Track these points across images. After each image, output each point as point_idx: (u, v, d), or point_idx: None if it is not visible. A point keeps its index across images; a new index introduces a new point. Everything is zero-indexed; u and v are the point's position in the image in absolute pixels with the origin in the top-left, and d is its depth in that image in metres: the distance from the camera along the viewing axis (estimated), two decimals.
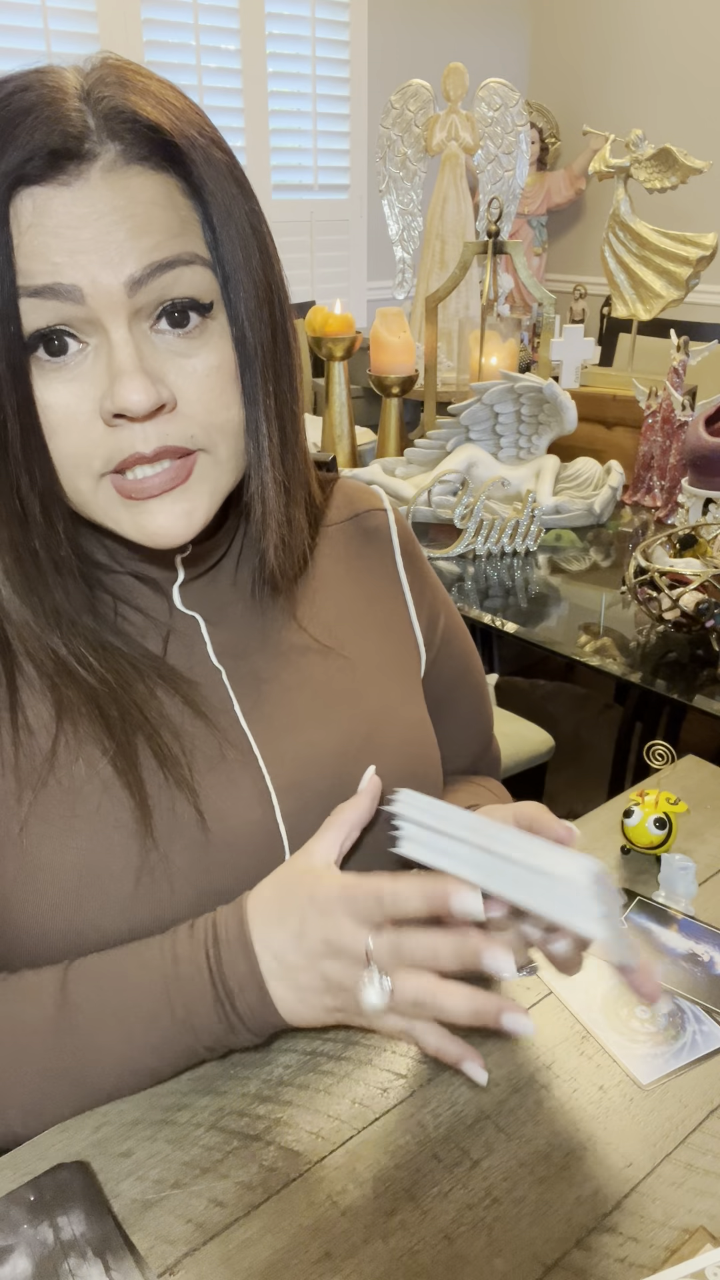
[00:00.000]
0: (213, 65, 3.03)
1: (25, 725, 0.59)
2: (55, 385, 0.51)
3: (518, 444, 1.76)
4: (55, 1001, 0.56)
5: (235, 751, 0.62)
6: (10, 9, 2.58)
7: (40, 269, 0.49)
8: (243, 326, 0.55)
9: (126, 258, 0.50)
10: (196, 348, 0.53)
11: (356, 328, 1.85)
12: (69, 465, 0.53)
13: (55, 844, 0.57)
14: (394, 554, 0.75)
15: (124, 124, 0.50)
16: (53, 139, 0.48)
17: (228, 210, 0.53)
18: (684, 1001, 0.65)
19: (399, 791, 0.55)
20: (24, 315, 0.49)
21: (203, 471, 0.56)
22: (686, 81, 3.53)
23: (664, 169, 2.02)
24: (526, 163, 2.45)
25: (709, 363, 2.16)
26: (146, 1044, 0.55)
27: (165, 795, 0.59)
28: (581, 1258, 0.49)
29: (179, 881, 0.58)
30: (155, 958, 0.56)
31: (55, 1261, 0.48)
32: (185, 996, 0.54)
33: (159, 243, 0.50)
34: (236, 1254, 0.50)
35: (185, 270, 0.52)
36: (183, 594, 0.64)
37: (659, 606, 1.25)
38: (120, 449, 0.53)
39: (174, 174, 0.52)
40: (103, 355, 0.51)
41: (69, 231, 0.49)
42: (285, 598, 0.68)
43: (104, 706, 0.59)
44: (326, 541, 0.72)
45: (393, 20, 3.45)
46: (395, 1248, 0.50)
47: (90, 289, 0.49)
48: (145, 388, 0.50)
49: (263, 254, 0.56)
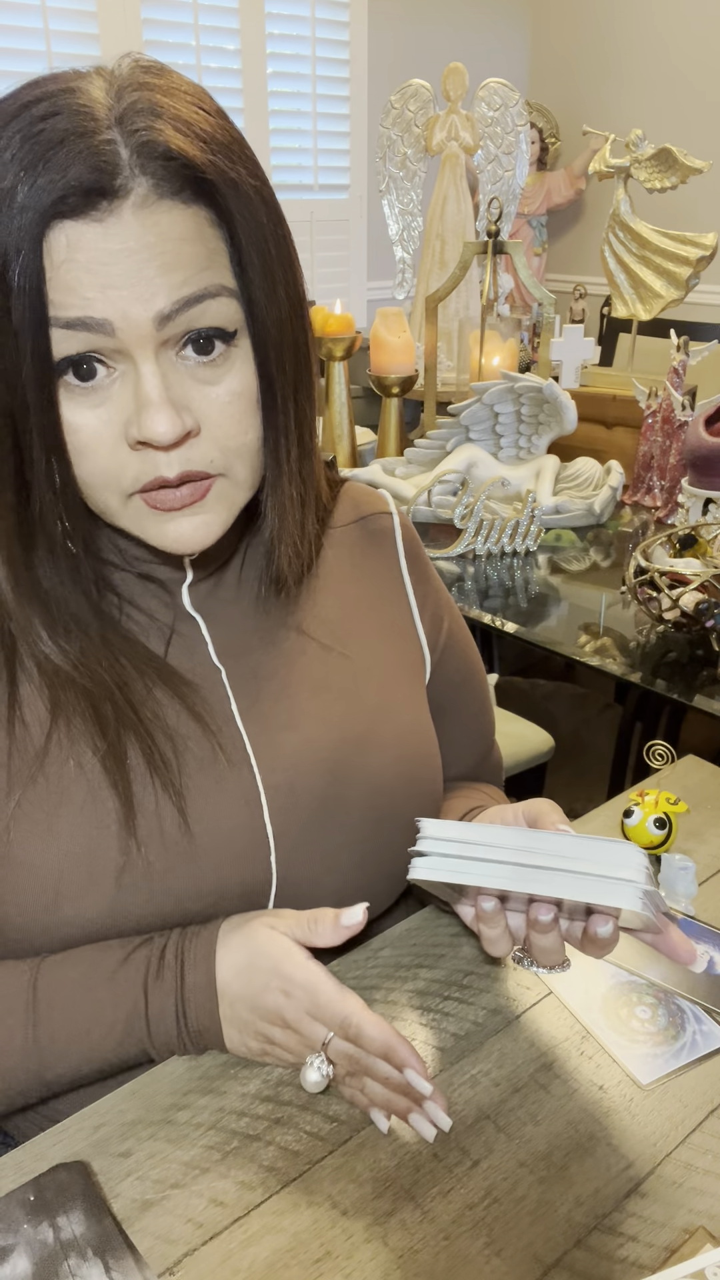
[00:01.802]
0: (213, 65, 3.03)
1: (21, 720, 0.60)
2: (83, 409, 0.53)
3: (518, 444, 1.76)
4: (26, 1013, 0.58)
5: (228, 753, 0.62)
6: (10, 9, 2.58)
7: (73, 302, 0.50)
8: (266, 350, 0.56)
9: (157, 294, 0.50)
10: (221, 374, 0.54)
11: (356, 328, 1.85)
12: (97, 484, 0.55)
13: (39, 841, 0.58)
14: (399, 557, 0.75)
15: (156, 159, 0.49)
16: (87, 177, 0.48)
17: (255, 239, 0.54)
18: (684, 1001, 0.65)
19: (421, 822, 0.56)
20: (55, 343, 0.50)
21: (220, 492, 0.57)
22: (686, 81, 3.53)
23: (664, 169, 2.02)
24: (526, 163, 2.45)
25: (709, 363, 2.15)
26: (104, 1058, 0.59)
27: (150, 797, 0.59)
28: (581, 1258, 0.49)
29: (159, 883, 0.59)
30: (126, 998, 0.58)
31: (55, 1261, 0.48)
32: (155, 1037, 0.59)
33: (188, 278, 0.51)
34: (236, 1254, 0.50)
35: (212, 303, 0.52)
36: (190, 594, 0.65)
37: (659, 606, 1.25)
38: (145, 472, 0.54)
39: (204, 205, 0.52)
40: (130, 381, 0.52)
41: (101, 267, 0.49)
42: (289, 597, 0.68)
43: (99, 705, 0.60)
44: (332, 543, 0.73)
45: (393, 20, 3.45)
46: (395, 1248, 0.50)
47: (121, 323, 0.50)
48: (171, 419, 0.51)
49: (287, 274, 0.56)
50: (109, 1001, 0.57)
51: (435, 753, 0.72)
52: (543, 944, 0.56)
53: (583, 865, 0.51)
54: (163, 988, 0.58)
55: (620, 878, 0.51)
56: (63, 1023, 0.57)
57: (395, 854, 0.66)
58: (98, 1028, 0.57)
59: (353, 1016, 0.55)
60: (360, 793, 0.65)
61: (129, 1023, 0.58)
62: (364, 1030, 0.55)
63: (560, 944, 0.57)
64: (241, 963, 0.58)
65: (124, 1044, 0.58)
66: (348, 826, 0.64)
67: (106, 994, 0.57)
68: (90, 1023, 0.57)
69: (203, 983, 0.58)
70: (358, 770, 0.65)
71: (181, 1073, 0.59)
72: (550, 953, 0.57)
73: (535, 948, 0.57)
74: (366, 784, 0.65)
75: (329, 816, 0.64)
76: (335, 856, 0.64)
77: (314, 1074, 0.56)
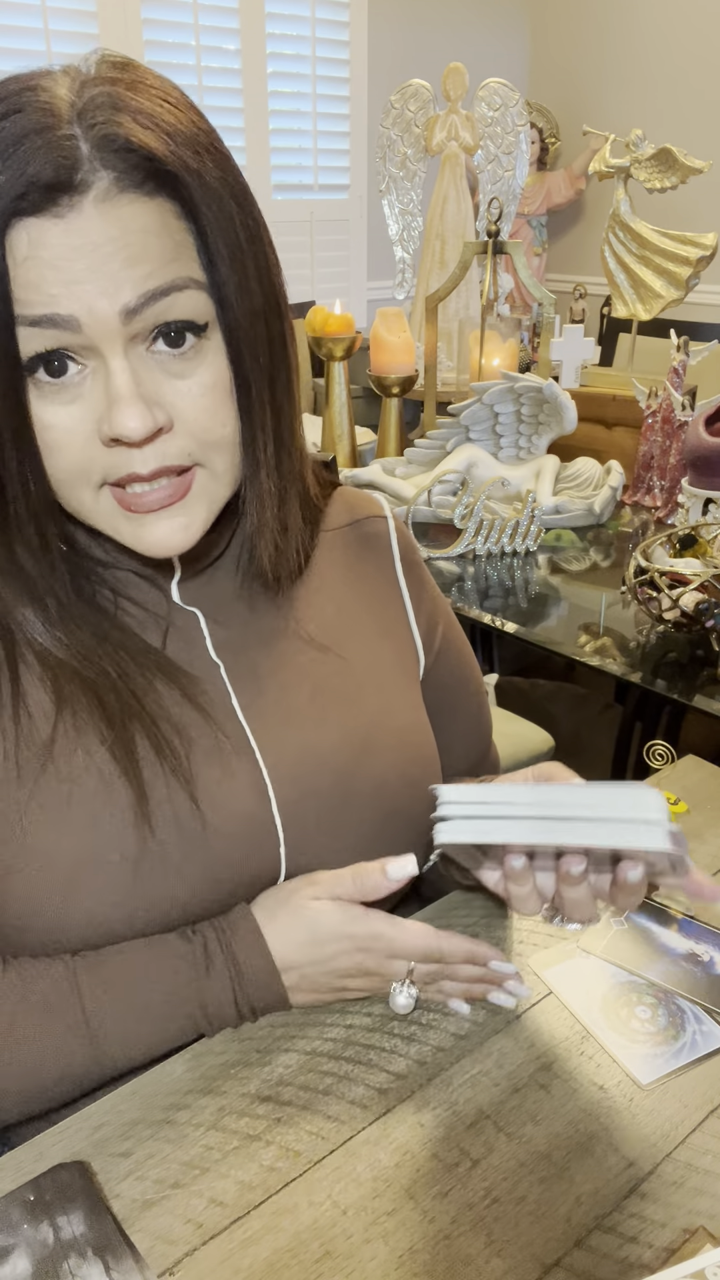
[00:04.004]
0: (213, 65, 3.03)
1: (26, 712, 0.60)
2: (54, 406, 0.52)
3: (518, 444, 1.76)
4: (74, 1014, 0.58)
5: (232, 744, 0.62)
6: (10, 9, 2.58)
7: (37, 299, 0.49)
8: (238, 343, 0.55)
9: (122, 287, 0.50)
10: (193, 368, 0.54)
11: (356, 328, 1.85)
12: (68, 479, 0.54)
13: (52, 831, 0.58)
14: (394, 560, 0.75)
15: (116, 152, 0.49)
16: (45, 172, 0.48)
17: (222, 229, 0.53)
18: (684, 1001, 0.65)
19: (439, 789, 0.55)
20: (21, 342, 0.50)
21: (200, 486, 0.57)
22: (686, 81, 3.53)
23: (664, 169, 2.02)
24: (526, 163, 2.45)
25: (709, 363, 2.15)
26: (154, 1053, 0.60)
27: (162, 785, 0.59)
28: (581, 1258, 0.49)
29: (175, 871, 0.59)
30: (181, 1000, 0.58)
31: (55, 1261, 0.48)
32: (213, 1022, 0.60)
33: (153, 271, 0.51)
34: (236, 1254, 0.50)
35: (180, 295, 0.52)
36: (181, 590, 0.65)
37: (659, 606, 1.25)
38: (118, 466, 0.54)
39: (168, 197, 0.51)
40: (100, 378, 0.52)
41: (64, 264, 0.49)
42: (284, 597, 0.68)
43: (103, 697, 0.60)
44: (326, 546, 0.73)
45: (393, 20, 3.45)
46: (395, 1248, 0.50)
47: (87, 319, 0.50)
48: (142, 414, 0.51)
49: (259, 266, 0.56)
50: (163, 1010, 0.58)
51: (435, 754, 0.72)
52: (574, 896, 0.56)
53: (605, 812, 0.51)
54: (215, 980, 0.59)
55: (646, 819, 0.50)
56: (115, 1033, 0.58)
57: (399, 852, 0.66)
58: (152, 1029, 0.58)
59: (432, 943, 0.60)
60: (365, 792, 0.65)
61: (184, 1020, 0.59)
62: (444, 949, 0.60)
63: (591, 896, 0.57)
64: (302, 937, 0.59)
65: (177, 1038, 0.59)
66: (353, 825, 0.64)
67: (159, 994, 0.58)
68: (144, 1025, 0.58)
69: (259, 965, 0.59)
70: (362, 771, 0.65)
71: (181, 1073, 0.59)
72: (582, 905, 0.57)
73: (567, 901, 0.57)
74: (371, 784, 0.65)
75: (335, 814, 0.64)
76: (342, 852, 0.64)
77: (403, 998, 0.62)
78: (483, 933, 0.71)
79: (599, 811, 0.51)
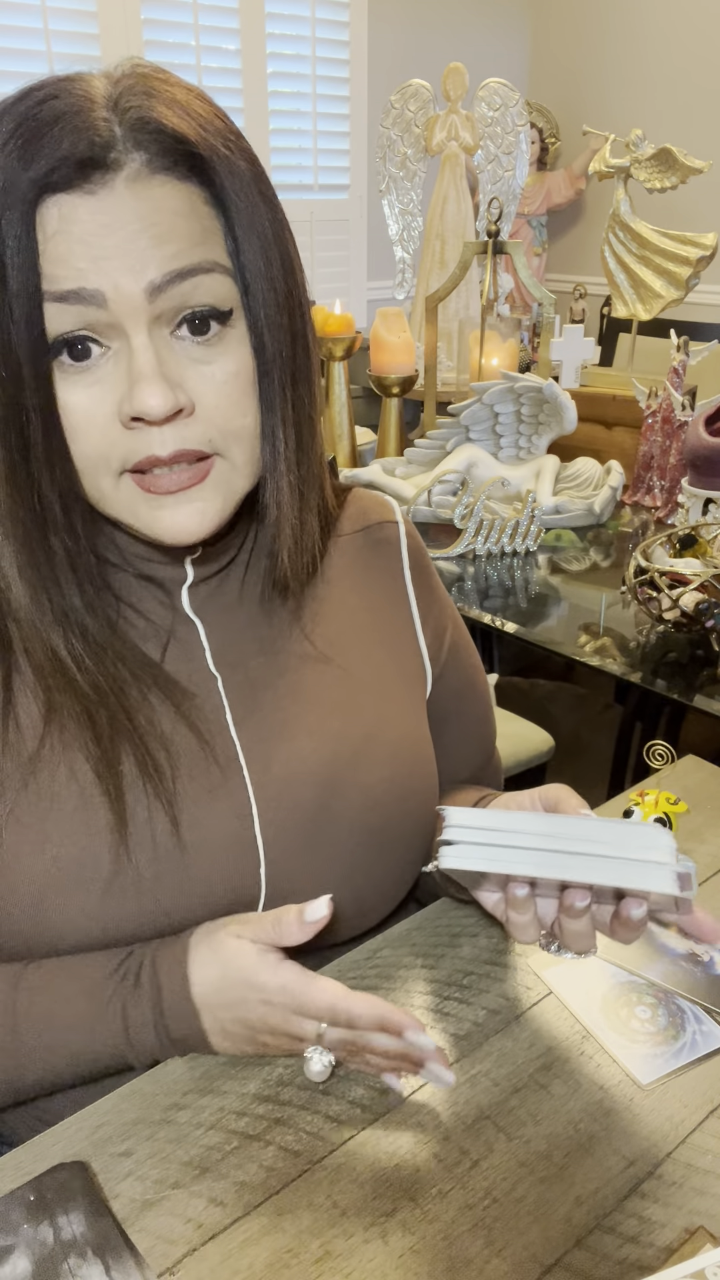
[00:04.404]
0: (213, 65, 3.03)
1: (15, 723, 0.59)
2: (77, 388, 0.53)
3: (518, 444, 1.76)
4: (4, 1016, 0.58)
5: (221, 761, 0.62)
6: (10, 9, 2.58)
7: (65, 274, 0.50)
8: (262, 334, 0.55)
9: (148, 264, 0.50)
10: (216, 354, 0.54)
11: (356, 328, 1.85)
12: (89, 465, 0.54)
13: (29, 847, 0.57)
14: (403, 567, 0.74)
15: (149, 134, 0.50)
16: (79, 148, 0.49)
17: (250, 220, 0.54)
18: (684, 1001, 0.65)
19: (446, 811, 0.55)
20: (48, 320, 0.51)
21: (219, 475, 0.57)
22: (686, 81, 3.53)
23: (664, 169, 2.02)
24: (526, 163, 2.45)
25: (709, 363, 2.15)
26: (83, 1066, 0.59)
27: (143, 806, 0.59)
28: (581, 1258, 0.49)
29: (148, 892, 0.58)
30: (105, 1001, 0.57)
31: (55, 1261, 0.48)
32: (135, 1046, 0.58)
33: (180, 250, 0.51)
34: (236, 1254, 0.50)
35: (205, 278, 0.52)
36: (190, 596, 0.64)
37: (659, 606, 1.25)
38: (137, 450, 0.54)
39: (197, 183, 0.52)
40: (123, 359, 0.52)
41: (93, 239, 0.50)
42: (292, 604, 0.68)
43: (93, 711, 0.59)
44: (338, 552, 0.72)
45: (393, 20, 3.45)
46: (395, 1248, 0.50)
47: (113, 294, 0.50)
48: (163, 392, 0.51)
49: (284, 262, 0.56)
50: (88, 1011, 0.57)
51: (431, 766, 0.71)
52: (575, 929, 0.56)
53: (613, 849, 0.51)
54: (140, 999, 0.57)
55: (653, 860, 0.50)
56: (41, 1030, 0.57)
57: (386, 869, 0.66)
58: (76, 1036, 0.57)
59: (339, 1003, 0.54)
60: (352, 807, 0.64)
61: (107, 1033, 0.57)
62: (353, 1011, 0.54)
63: (592, 929, 0.57)
64: (214, 975, 0.56)
65: (101, 1054, 0.58)
66: (338, 840, 0.64)
67: (86, 1004, 0.57)
68: (68, 1031, 0.57)
69: (179, 994, 0.57)
70: (350, 785, 0.64)
71: (181, 1073, 0.59)
72: (582, 937, 0.57)
73: (567, 933, 0.57)
74: (359, 799, 0.64)
75: (319, 830, 0.63)
76: (325, 870, 0.63)
77: (316, 1065, 0.56)
78: (481, 932, 0.71)
79: (609, 849, 0.51)
